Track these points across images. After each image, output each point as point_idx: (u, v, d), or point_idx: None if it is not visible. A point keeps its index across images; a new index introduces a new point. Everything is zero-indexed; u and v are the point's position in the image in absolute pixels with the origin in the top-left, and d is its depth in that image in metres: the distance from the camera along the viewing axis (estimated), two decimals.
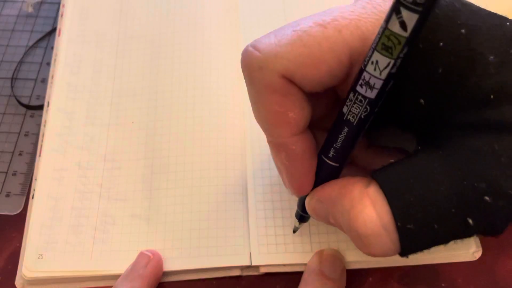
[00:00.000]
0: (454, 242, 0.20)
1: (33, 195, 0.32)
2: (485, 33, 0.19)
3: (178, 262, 0.30)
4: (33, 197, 0.32)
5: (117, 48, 0.38)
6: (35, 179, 0.33)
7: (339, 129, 0.21)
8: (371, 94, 0.20)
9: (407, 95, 0.21)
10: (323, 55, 0.20)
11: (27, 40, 0.41)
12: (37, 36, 0.41)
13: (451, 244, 0.20)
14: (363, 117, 0.20)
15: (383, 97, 0.20)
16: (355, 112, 0.20)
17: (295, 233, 0.30)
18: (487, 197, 0.19)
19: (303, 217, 0.27)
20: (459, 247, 0.29)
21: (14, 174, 0.34)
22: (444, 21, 0.19)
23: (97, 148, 0.34)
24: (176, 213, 0.31)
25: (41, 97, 0.38)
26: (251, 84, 0.21)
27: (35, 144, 0.35)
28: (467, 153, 0.19)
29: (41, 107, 0.37)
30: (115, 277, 0.29)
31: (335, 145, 0.22)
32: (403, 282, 0.30)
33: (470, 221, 0.19)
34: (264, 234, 0.30)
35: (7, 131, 0.36)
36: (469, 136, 0.19)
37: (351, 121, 0.21)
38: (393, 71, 0.19)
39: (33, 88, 0.38)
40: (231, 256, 0.30)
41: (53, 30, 0.41)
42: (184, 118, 0.34)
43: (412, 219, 0.19)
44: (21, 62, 0.39)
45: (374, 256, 0.21)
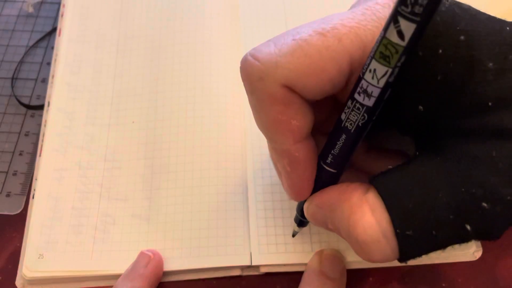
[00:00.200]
0: (451, 247, 0.21)
1: (33, 195, 0.32)
2: (485, 39, 0.19)
3: (178, 262, 0.30)
4: (33, 197, 0.32)
5: (117, 48, 0.38)
6: (36, 179, 0.33)
7: (337, 136, 0.21)
8: (368, 102, 0.20)
9: (406, 101, 0.21)
10: (324, 64, 0.20)
11: (27, 40, 0.41)
12: (37, 36, 0.41)
13: (449, 248, 0.21)
14: (360, 124, 0.20)
15: (381, 106, 0.20)
16: (353, 119, 0.20)
17: (294, 237, 0.30)
18: (485, 204, 0.19)
19: (302, 222, 0.27)
20: (459, 247, 0.29)
21: (14, 174, 0.34)
22: (443, 27, 0.19)
23: (97, 148, 0.34)
24: (176, 213, 0.31)
25: (42, 97, 0.38)
26: (252, 94, 0.21)
27: (36, 144, 0.35)
28: (465, 160, 0.19)
29: (41, 107, 0.37)
30: (115, 277, 0.29)
31: (333, 152, 0.22)
32: (403, 282, 0.30)
33: (468, 227, 0.19)
34: (264, 234, 0.30)
35: (8, 131, 0.36)
36: (467, 142, 0.20)
37: (349, 128, 0.21)
38: (391, 79, 0.19)
39: (34, 88, 0.38)
40: (232, 256, 0.30)
41: (54, 30, 0.41)
42: (184, 118, 0.34)
43: (411, 226, 0.20)
44: (21, 62, 0.39)
45: (373, 262, 0.21)
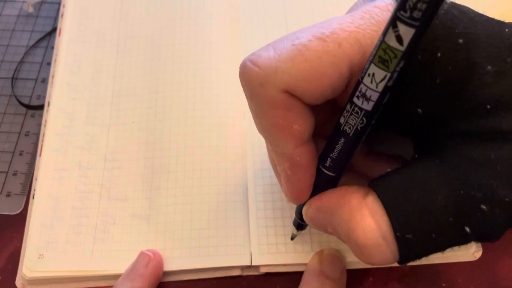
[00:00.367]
0: (451, 249, 0.21)
1: (33, 195, 0.32)
2: (483, 42, 0.19)
3: (178, 262, 0.30)
4: (33, 197, 0.32)
5: (118, 48, 0.38)
6: (36, 179, 0.33)
7: (336, 140, 0.21)
8: (367, 106, 0.20)
9: (405, 104, 0.21)
10: (324, 69, 0.20)
11: (27, 40, 0.41)
12: (37, 36, 0.41)
13: (448, 249, 0.21)
14: (359, 128, 0.20)
15: (379, 110, 0.20)
16: (352, 123, 0.20)
17: (293, 240, 0.30)
18: (483, 206, 0.19)
19: (301, 225, 0.27)
20: (459, 248, 0.29)
21: (14, 174, 0.34)
22: (441, 30, 0.19)
23: (97, 148, 0.34)
24: (176, 213, 0.31)
25: (42, 97, 0.38)
26: (252, 99, 0.21)
27: (36, 144, 0.35)
28: (464, 162, 0.19)
29: (41, 107, 0.37)
30: (115, 277, 0.29)
31: (331, 155, 0.22)
32: (403, 282, 0.30)
33: (467, 229, 0.19)
34: (264, 234, 0.30)
35: (8, 131, 0.36)
36: (466, 145, 0.20)
37: (348, 132, 0.21)
38: (390, 84, 0.19)
39: (34, 88, 0.38)
40: (232, 256, 0.30)
41: (54, 30, 0.41)
42: (184, 118, 0.34)
43: (410, 229, 0.20)
44: (21, 62, 0.39)
45: (373, 265, 0.22)
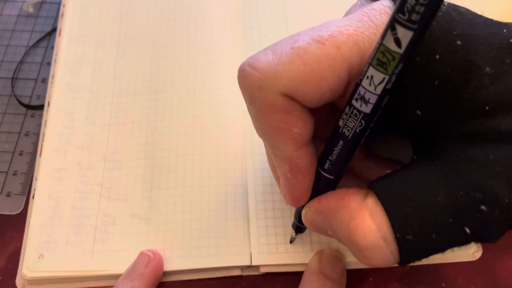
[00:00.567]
0: (451, 250, 0.21)
1: (33, 195, 0.32)
2: (482, 43, 0.19)
3: (178, 261, 0.30)
4: (33, 197, 0.32)
5: (118, 48, 0.38)
6: (36, 179, 0.33)
7: (335, 142, 0.21)
8: (366, 108, 0.20)
9: (404, 106, 0.21)
10: (323, 73, 0.20)
11: (27, 40, 0.41)
12: (37, 36, 0.41)
13: (448, 250, 0.21)
14: (358, 131, 0.20)
15: (378, 112, 0.20)
16: (350, 126, 0.20)
17: (292, 243, 0.30)
18: (483, 206, 0.19)
19: (300, 228, 0.27)
20: (459, 249, 0.29)
21: (14, 174, 0.34)
22: (440, 33, 0.19)
23: (97, 148, 0.34)
24: (176, 213, 0.31)
25: (42, 97, 0.38)
26: (252, 103, 0.21)
27: (36, 144, 0.35)
28: (463, 163, 0.19)
29: (41, 107, 0.37)
30: (115, 277, 0.29)
31: (330, 158, 0.22)
32: (403, 282, 0.30)
33: (467, 230, 0.19)
34: (264, 234, 0.30)
35: (8, 131, 0.36)
36: (465, 146, 0.20)
37: (346, 134, 0.21)
38: (388, 86, 0.19)
39: (34, 88, 0.38)
40: (232, 256, 0.30)
41: (54, 30, 0.41)
42: (184, 118, 0.34)
43: (411, 230, 0.20)
44: (21, 62, 0.39)
45: (373, 266, 0.21)
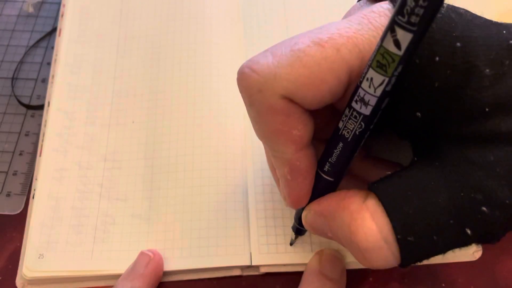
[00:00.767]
0: (452, 251, 0.21)
1: (33, 195, 0.32)
2: (481, 45, 0.19)
3: (178, 262, 0.30)
4: (33, 197, 0.32)
5: (118, 48, 0.38)
6: (36, 179, 0.33)
7: (335, 144, 0.21)
8: (365, 110, 0.20)
9: (404, 108, 0.21)
10: (323, 75, 0.20)
11: (27, 40, 0.41)
12: (37, 36, 0.41)
13: (449, 252, 0.21)
14: (357, 133, 0.20)
15: (378, 114, 0.20)
16: (350, 128, 0.20)
17: (292, 245, 0.30)
18: (484, 208, 0.19)
19: (300, 230, 0.27)
20: (460, 249, 0.29)
21: (14, 174, 0.34)
22: (439, 35, 0.19)
23: (97, 148, 0.34)
24: (176, 213, 0.31)
25: (42, 97, 0.38)
26: (251, 106, 0.21)
27: (36, 144, 0.35)
28: (464, 165, 0.19)
29: (41, 107, 0.37)
30: (115, 277, 0.29)
31: (330, 160, 0.22)
32: (403, 282, 0.30)
33: (468, 231, 0.19)
34: (264, 234, 0.30)
35: (8, 131, 0.36)
36: (465, 147, 0.20)
37: (346, 136, 0.21)
38: (388, 88, 0.19)
39: (34, 88, 0.38)
40: (232, 256, 0.30)
41: (54, 30, 0.41)
42: (184, 118, 0.34)
43: (412, 231, 0.20)
44: (21, 62, 0.39)
45: (374, 268, 0.21)
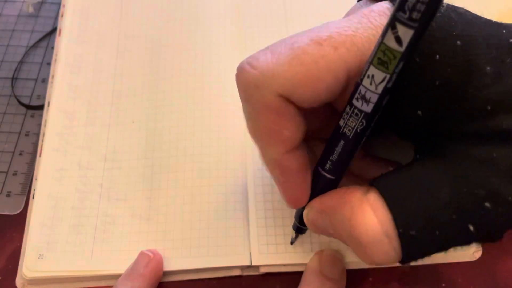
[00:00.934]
0: (454, 249, 0.21)
1: (33, 195, 0.32)
2: (481, 43, 0.19)
3: (178, 262, 0.30)
4: (33, 197, 0.32)
5: (118, 48, 0.38)
6: (36, 179, 0.33)
7: (336, 142, 0.21)
8: (367, 108, 0.20)
9: (405, 107, 0.21)
10: (320, 73, 0.20)
11: (27, 40, 0.41)
12: (37, 36, 0.41)
13: (450, 250, 0.21)
14: (359, 130, 0.20)
15: (379, 112, 0.20)
16: (351, 125, 0.20)
17: (293, 244, 0.30)
18: (487, 203, 0.19)
19: (300, 229, 0.28)
20: (461, 248, 0.29)
21: (14, 174, 0.34)
22: (439, 33, 0.19)
23: (97, 148, 0.34)
24: (176, 213, 0.31)
25: (42, 97, 0.38)
26: (247, 101, 0.21)
27: (36, 144, 0.35)
28: (466, 161, 0.19)
29: (41, 107, 0.37)
30: (115, 277, 0.29)
31: (331, 158, 0.22)
32: (403, 282, 0.30)
33: (471, 227, 0.19)
34: (264, 234, 0.30)
35: (8, 131, 0.36)
36: (467, 145, 0.20)
37: (347, 134, 0.21)
38: (389, 85, 0.19)
39: (34, 88, 0.38)
40: (231, 256, 0.30)
41: (54, 30, 0.41)
42: (184, 118, 0.34)
43: (414, 225, 0.19)
44: (21, 62, 0.39)
45: (375, 264, 0.21)
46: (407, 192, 0.20)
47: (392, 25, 0.17)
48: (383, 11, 0.21)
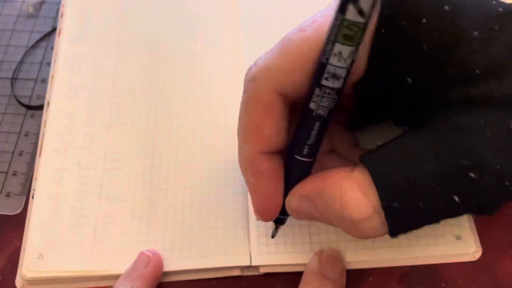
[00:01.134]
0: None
1: (33, 195, 0.32)
2: (469, 10, 0.19)
3: (178, 262, 0.30)
4: (33, 197, 0.32)
5: (117, 48, 0.38)
6: (35, 179, 0.33)
7: (310, 126, 0.22)
8: (338, 84, 0.20)
9: (394, 75, 0.21)
10: (305, 56, 0.21)
11: (27, 40, 0.40)
12: (37, 36, 0.41)
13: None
14: (332, 107, 0.21)
15: (345, 83, 0.21)
16: (325, 105, 0.21)
17: (274, 238, 0.29)
18: (472, 174, 0.19)
19: (280, 219, 0.27)
20: (459, 247, 0.29)
21: (14, 174, 0.34)
22: None
23: (97, 148, 0.34)
24: (176, 213, 0.31)
25: (41, 97, 0.38)
26: (244, 93, 0.23)
27: (35, 144, 0.35)
28: (453, 131, 0.19)
29: (41, 107, 0.37)
30: (115, 277, 0.29)
31: (308, 142, 0.22)
32: (403, 282, 0.30)
33: (456, 198, 0.19)
34: (264, 234, 0.30)
35: (7, 131, 0.36)
36: (456, 113, 0.20)
37: (322, 114, 0.21)
38: (355, 58, 0.20)
39: (33, 88, 0.38)
40: (231, 256, 0.30)
41: (53, 30, 0.41)
42: (184, 118, 0.34)
43: (396, 197, 0.20)
44: (21, 62, 0.39)
45: (367, 238, 0.22)
46: (392, 165, 0.20)
47: (353, 0, 0.18)
48: None
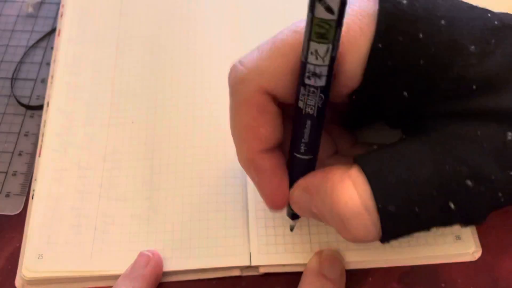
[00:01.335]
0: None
1: (33, 195, 0.32)
2: (466, 24, 0.19)
3: (178, 262, 0.30)
4: (33, 197, 0.32)
5: (117, 48, 0.38)
6: (35, 179, 0.33)
7: (302, 124, 0.22)
8: (320, 82, 0.20)
9: (390, 88, 0.21)
10: (298, 58, 0.20)
11: (27, 40, 0.40)
12: (37, 36, 0.41)
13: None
14: (320, 105, 0.21)
15: (331, 81, 0.21)
16: (312, 103, 0.21)
17: (293, 231, 0.30)
18: (468, 181, 0.19)
19: (294, 215, 0.28)
20: (459, 247, 0.29)
21: (14, 174, 0.34)
22: (423, 13, 0.19)
23: (97, 148, 0.34)
24: (176, 213, 0.31)
25: (41, 97, 0.38)
26: (232, 96, 0.22)
27: (35, 144, 0.35)
28: (450, 139, 0.19)
29: (41, 107, 0.37)
30: (115, 277, 0.29)
31: (303, 140, 0.22)
32: (403, 282, 0.30)
33: (451, 205, 0.19)
34: (263, 234, 0.30)
35: (7, 131, 0.36)
36: (452, 123, 0.20)
37: (311, 113, 0.21)
38: (334, 54, 0.19)
39: (33, 88, 0.38)
40: (231, 256, 0.30)
41: (53, 30, 0.41)
42: (184, 118, 0.34)
43: (393, 200, 0.19)
44: (21, 62, 0.39)
45: (356, 241, 0.21)
46: (388, 167, 0.20)
47: None
48: None
